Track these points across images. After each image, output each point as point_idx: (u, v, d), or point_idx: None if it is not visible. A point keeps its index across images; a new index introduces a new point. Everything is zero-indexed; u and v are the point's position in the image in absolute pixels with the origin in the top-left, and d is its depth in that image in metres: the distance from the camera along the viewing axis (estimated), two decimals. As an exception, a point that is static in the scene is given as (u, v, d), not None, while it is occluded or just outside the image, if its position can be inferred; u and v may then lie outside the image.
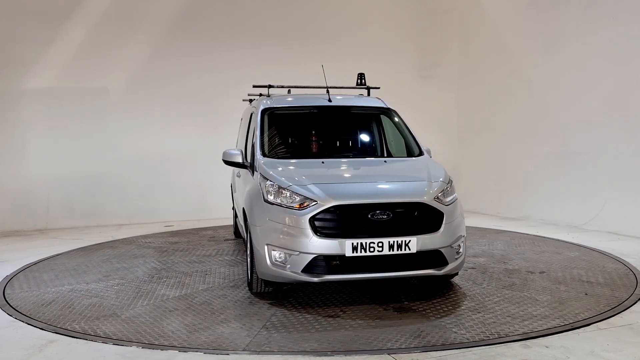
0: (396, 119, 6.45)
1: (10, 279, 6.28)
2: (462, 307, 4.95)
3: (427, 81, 12.93)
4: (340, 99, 6.56)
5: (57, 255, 7.62)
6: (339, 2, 12.51)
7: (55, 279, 6.25)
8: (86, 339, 4.31)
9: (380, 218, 4.72)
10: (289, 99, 6.69)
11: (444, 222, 4.90)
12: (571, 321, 4.51)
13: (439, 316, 4.72)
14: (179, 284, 5.94)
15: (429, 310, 4.87)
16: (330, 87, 6.75)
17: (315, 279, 4.71)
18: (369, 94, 6.88)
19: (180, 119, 11.17)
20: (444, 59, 12.80)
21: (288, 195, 4.91)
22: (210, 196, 11.16)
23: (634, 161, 8.57)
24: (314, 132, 6.44)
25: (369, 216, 4.71)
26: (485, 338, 4.18)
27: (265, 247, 4.89)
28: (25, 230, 9.91)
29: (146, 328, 4.54)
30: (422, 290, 5.49)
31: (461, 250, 5.15)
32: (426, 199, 4.89)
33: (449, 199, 5.13)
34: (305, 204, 4.78)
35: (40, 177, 10.25)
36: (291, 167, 5.47)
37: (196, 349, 4.06)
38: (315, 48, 11.80)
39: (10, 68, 10.09)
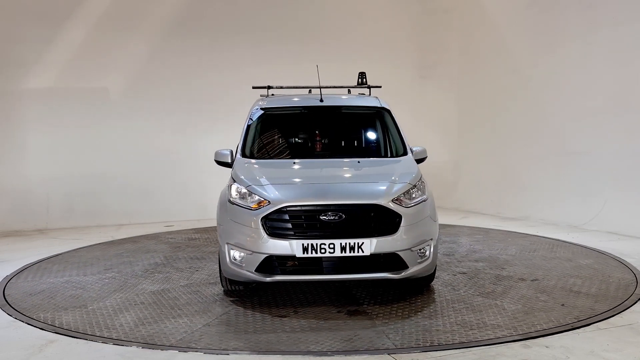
0: (387, 119, 6.28)
1: (10, 279, 6.29)
2: (418, 313, 4.79)
3: (427, 81, 12.93)
4: (332, 98, 6.53)
5: (79, 248, 7.84)
6: (339, 1, 12.51)
7: (58, 271, 6.31)
8: (86, 339, 4.31)
9: (331, 219, 4.68)
10: (282, 99, 6.70)
11: (402, 224, 4.76)
12: (530, 330, 4.51)
13: (385, 321, 4.60)
14: (165, 279, 6.14)
15: (380, 315, 4.76)
16: (330, 87, 6.75)
17: (267, 279, 4.75)
18: (370, 93, 6.87)
19: (180, 118, 11.17)
20: (444, 58, 12.80)
21: (247, 195, 4.99)
22: (210, 196, 11.14)
23: (634, 161, 8.57)
24: (300, 132, 6.49)
25: (320, 217, 4.69)
26: (415, 346, 4.04)
27: (226, 246, 4.98)
28: (25, 230, 9.91)
29: (100, 319, 4.75)
30: (390, 294, 5.36)
31: (427, 254, 4.98)
32: (382, 200, 4.77)
33: (413, 201, 4.96)
34: (261, 205, 4.82)
35: (40, 177, 10.25)
36: (261, 168, 5.53)
37: (196, 349, 4.06)
38: (316, 48, 11.80)
39: (10, 68, 10.09)
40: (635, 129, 8.57)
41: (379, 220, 4.74)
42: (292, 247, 4.65)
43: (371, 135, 6.37)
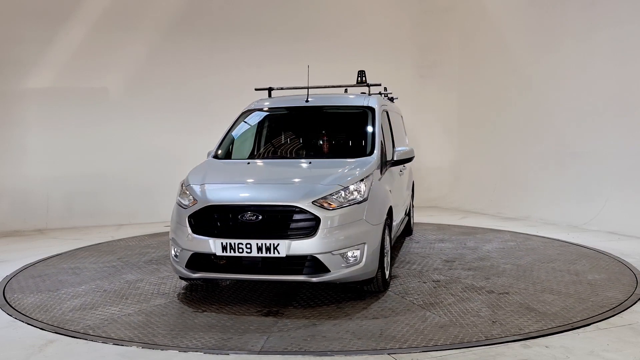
0: (368, 118, 6.11)
1: (10, 279, 6.29)
2: (330, 318, 4.68)
3: (427, 80, 12.93)
4: (320, 99, 6.59)
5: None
6: (339, 1, 12.51)
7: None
8: (86, 339, 4.31)
9: (249, 220, 4.74)
10: (273, 100, 6.84)
11: (320, 227, 4.67)
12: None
13: (289, 324, 4.54)
14: (154, 270, 6.34)
15: (293, 317, 4.71)
16: (329, 87, 6.76)
17: (193, 275, 4.96)
18: (369, 92, 6.83)
19: (180, 118, 11.16)
20: (444, 58, 12.80)
21: (185, 194, 5.22)
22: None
23: (634, 161, 8.57)
24: (277, 133, 6.59)
25: (240, 218, 4.76)
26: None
27: (170, 243, 5.25)
28: (25, 231, 9.91)
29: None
30: (329, 296, 5.31)
31: (358, 258, 4.82)
32: (299, 202, 4.72)
33: (340, 204, 4.83)
34: (192, 204, 5.01)
35: (39, 177, 10.24)
36: (214, 168, 5.72)
37: (196, 349, 4.06)
38: (316, 48, 11.80)
39: (9, 68, 10.09)
40: (636, 128, 8.57)
41: (296, 222, 4.73)
42: (213, 245, 4.77)
43: (347, 135, 6.25)
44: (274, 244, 4.66)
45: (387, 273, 5.51)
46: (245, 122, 6.57)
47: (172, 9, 11.22)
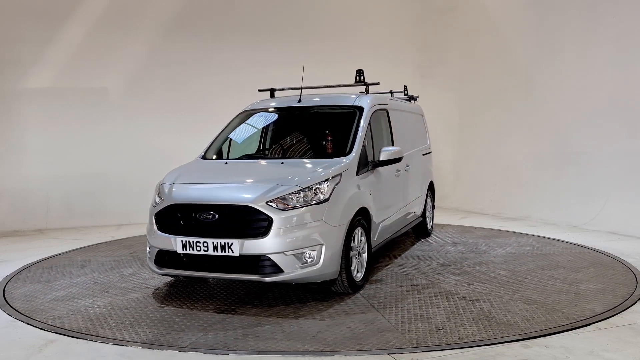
0: (356, 118, 6.05)
1: (10, 279, 6.29)
2: (280, 317, 4.72)
3: (427, 80, 12.92)
4: (312, 99, 6.63)
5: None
6: (340, 1, 12.51)
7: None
8: (86, 339, 4.31)
9: (206, 219, 4.85)
10: (269, 101, 6.93)
11: (273, 227, 4.70)
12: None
13: (235, 322, 4.62)
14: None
15: (244, 315, 4.80)
16: (327, 87, 6.76)
17: (159, 271, 5.19)
18: (367, 91, 6.78)
19: (180, 118, 11.15)
20: (445, 58, 12.79)
21: (157, 193, 5.41)
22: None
23: (635, 161, 8.56)
24: (267, 133, 6.66)
25: (198, 217, 4.88)
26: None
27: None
28: (25, 231, 9.91)
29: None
30: (297, 296, 5.33)
31: (315, 259, 4.82)
32: (253, 202, 4.77)
33: (297, 204, 4.83)
34: (160, 202, 5.23)
35: (39, 177, 10.24)
36: (194, 168, 5.90)
37: (196, 349, 4.06)
38: (316, 48, 11.79)
39: (9, 68, 10.09)
40: (636, 129, 8.56)
41: (249, 221, 4.78)
42: (174, 243, 4.94)
43: (331, 135, 6.22)
44: (228, 243, 4.74)
45: (359, 275, 5.47)
46: (238, 123, 6.70)
47: (172, 9, 11.22)
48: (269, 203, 4.78)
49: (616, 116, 8.90)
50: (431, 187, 8.63)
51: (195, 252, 4.86)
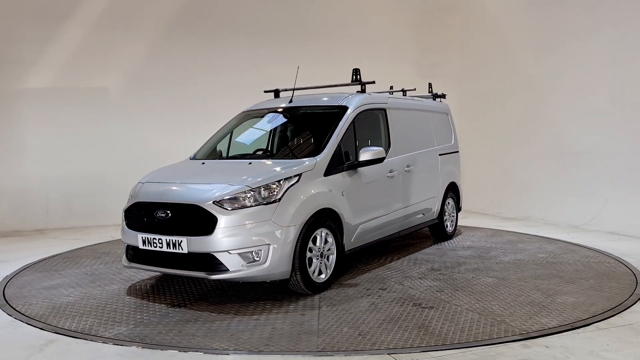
0: (337, 118, 6.04)
1: (10, 279, 6.29)
2: (221, 314, 4.84)
3: (427, 80, 12.88)
4: (303, 99, 6.71)
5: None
6: (340, 1, 12.50)
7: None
8: (86, 339, 4.31)
9: (161, 217, 5.09)
10: (265, 102, 7.04)
11: (219, 226, 4.82)
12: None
13: (176, 317, 4.77)
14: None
15: (191, 310, 4.97)
16: (328, 86, 6.77)
17: (127, 265, 5.49)
18: (363, 90, 6.70)
19: (180, 118, 11.15)
20: (445, 58, 12.79)
21: (132, 191, 5.68)
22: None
23: (635, 161, 8.56)
24: (255, 134, 6.75)
25: (155, 214, 5.12)
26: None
27: None
28: (25, 231, 9.91)
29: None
30: (258, 295, 5.41)
31: (254, 259, 4.89)
32: (200, 202, 4.93)
33: (244, 204, 4.92)
34: (130, 199, 5.53)
35: (39, 177, 10.23)
36: (173, 168, 6.12)
37: (196, 349, 4.06)
38: (316, 48, 11.79)
39: (8, 68, 10.08)
40: (636, 129, 8.57)
41: (197, 220, 4.92)
42: (136, 239, 5.23)
43: (311, 135, 6.24)
44: (178, 241, 4.95)
45: (323, 276, 5.45)
46: (234, 124, 6.87)
47: (172, 9, 11.21)
48: (215, 203, 4.91)
49: (616, 116, 8.90)
50: (453, 189, 8.38)
51: (152, 248, 5.12)
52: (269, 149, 6.60)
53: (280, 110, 6.75)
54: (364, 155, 5.88)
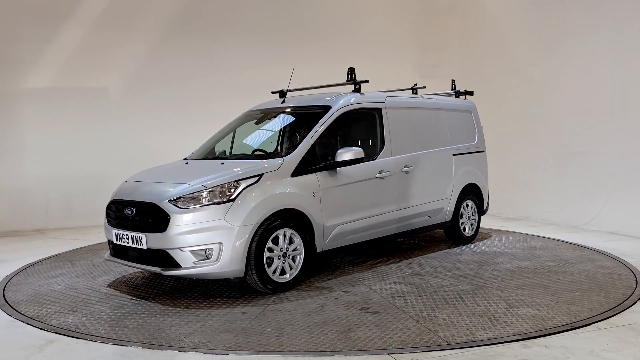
0: (317, 119, 6.03)
1: (10, 279, 6.29)
2: (173, 307, 5.04)
3: (427, 80, 12.85)
4: (295, 99, 6.79)
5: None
6: (339, 1, 12.50)
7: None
8: (86, 339, 4.31)
9: (127, 214, 5.39)
10: (264, 103, 7.11)
11: (171, 224, 5.01)
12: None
13: (130, 310, 5.01)
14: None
15: (149, 304, 5.17)
16: (329, 85, 6.78)
17: (106, 258, 5.80)
18: (359, 89, 6.60)
19: (180, 118, 11.15)
20: (445, 58, 12.79)
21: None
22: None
23: (635, 161, 8.56)
24: (245, 134, 6.80)
25: (124, 211, 5.42)
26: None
27: None
28: (25, 231, 9.90)
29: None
30: (226, 293, 5.51)
31: (205, 256, 5.00)
32: (157, 201, 5.16)
33: (198, 203, 5.05)
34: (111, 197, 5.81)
35: (39, 177, 10.23)
36: (156, 168, 6.37)
37: (196, 349, 4.06)
38: (315, 48, 11.79)
39: (9, 67, 10.08)
40: (636, 129, 8.57)
41: (154, 218, 5.15)
42: (112, 234, 5.58)
43: (290, 135, 6.25)
44: (139, 237, 5.23)
45: (287, 276, 5.45)
46: (234, 124, 6.97)
47: (172, 9, 11.21)
48: (170, 201, 5.10)
49: (616, 116, 8.90)
50: (473, 190, 7.95)
51: (122, 243, 5.45)
52: (257, 149, 6.64)
53: (273, 111, 6.83)
54: (340, 156, 5.82)
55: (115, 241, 5.55)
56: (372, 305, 5.02)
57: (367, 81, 6.56)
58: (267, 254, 5.30)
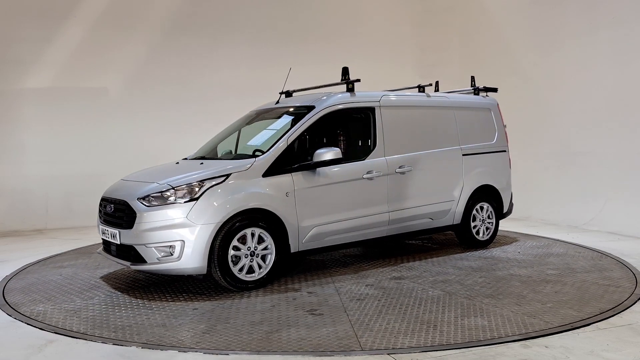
0: (299, 119, 6.05)
1: (10, 279, 6.29)
2: (148, 301, 5.27)
3: (427, 80, 12.87)
4: (290, 100, 6.86)
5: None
6: (339, 1, 12.51)
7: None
8: (86, 339, 4.31)
9: (107, 211, 5.73)
10: (265, 104, 7.17)
11: (137, 221, 5.26)
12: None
13: (114, 303, 5.24)
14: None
15: (135, 300, 5.33)
16: (332, 84, 6.78)
17: (98, 252, 6.09)
18: (352, 89, 6.52)
19: (180, 118, 11.16)
20: (445, 58, 12.79)
21: None
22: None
23: (635, 161, 8.57)
24: (238, 135, 6.87)
25: (106, 208, 5.74)
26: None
27: None
28: (24, 231, 9.90)
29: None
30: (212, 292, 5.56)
31: (168, 253, 5.19)
32: (128, 199, 5.45)
33: (163, 202, 5.28)
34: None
35: (39, 177, 10.24)
36: (153, 167, 6.56)
37: (196, 349, 4.06)
38: (314, 48, 11.80)
39: (8, 67, 10.09)
40: (636, 129, 8.57)
41: (125, 215, 5.42)
42: (99, 229, 5.90)
43: (275, 136, 6.21)
44: (114, 233, 5.54)
45: (255, 275, 5.49)
46: (234, 125, 7.05)
47: (172, 8, 11.21)
48: (139, 199, 5.35)
49: (616, 116, 8.90)
50: (490, 192, 7.55)
51: (105, 238, 5.78)
52: (233, 149, 6.76)
53: (267, 111, 6.90)
54: (318, 157, 5.79)
55: (101, 236, 5.88)
56: (322, 308, 4.94)
57: (359, 80, 6.47)
58: (232, 252, 5.38)
